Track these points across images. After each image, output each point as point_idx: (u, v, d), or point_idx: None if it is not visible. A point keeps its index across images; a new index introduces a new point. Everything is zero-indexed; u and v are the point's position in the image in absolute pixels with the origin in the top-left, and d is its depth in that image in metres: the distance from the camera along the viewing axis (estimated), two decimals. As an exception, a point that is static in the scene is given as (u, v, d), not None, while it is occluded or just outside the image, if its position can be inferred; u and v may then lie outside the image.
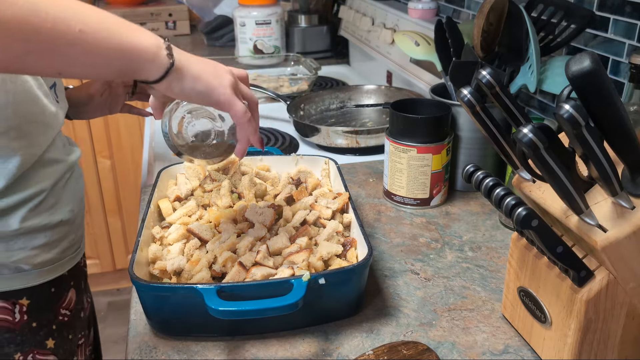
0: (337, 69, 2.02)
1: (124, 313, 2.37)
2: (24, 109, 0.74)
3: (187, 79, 0.65)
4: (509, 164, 0.65)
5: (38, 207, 0.78)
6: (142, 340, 0.73)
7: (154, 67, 0.62)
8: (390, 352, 0.69)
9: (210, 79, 0.66)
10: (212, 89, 0.66)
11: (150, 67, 0.62)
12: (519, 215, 0.53)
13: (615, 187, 0.53)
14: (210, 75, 0.67)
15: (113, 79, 0.63)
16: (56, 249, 0.83)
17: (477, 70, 0.74)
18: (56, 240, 0.82)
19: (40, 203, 0.79)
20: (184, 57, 0.65)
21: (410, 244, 0.94)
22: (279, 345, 0.72)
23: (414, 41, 1.24)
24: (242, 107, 0.69)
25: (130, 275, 0.70)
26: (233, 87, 0.68)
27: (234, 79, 0.70)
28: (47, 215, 0.80)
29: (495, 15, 0.99)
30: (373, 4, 1.78)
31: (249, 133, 0.71)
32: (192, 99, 0.68)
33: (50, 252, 0.82)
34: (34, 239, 0.79)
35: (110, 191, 2.33)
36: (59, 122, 0.83)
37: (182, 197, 0.93)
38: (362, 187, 1.13)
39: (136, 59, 0.61)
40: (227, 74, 0.69)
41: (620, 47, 0.95)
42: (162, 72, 0.63)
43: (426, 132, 0.99)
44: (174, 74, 0.64)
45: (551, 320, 0.64)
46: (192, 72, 0.65)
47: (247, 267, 0.74)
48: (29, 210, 0.77)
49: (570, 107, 0.47)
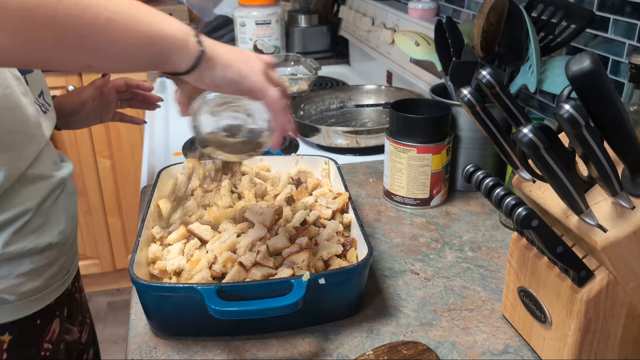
0: (337, 69, 2.02)
1: (124, 313, 2.37)
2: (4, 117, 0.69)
3: (217, 68, 0.62)
4: (509, 164, 0.65)
5: (23, 229, 0.72)
6: (142, 340, 0.73)
7: (184, 56, 0.59)
8: (390, 352, 0.69)
9: (241, 66, 0.63)
10: (244, 76, 0.63)
11: (180, 56, 0.59)
12: (519, 215, 0.53)
13: (615, 187, 0.53)
14: (241, 63, 0.63)
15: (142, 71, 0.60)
16: (44, 276, 0.76)
17: (477, 70, 0.74)
18: (44, 265, 0.76)
19: (25, 224, 0.72)
20: (213, 44, 0.62)
21: (410, 244, 0.94)
22: (279, 345, 0.72)
23: (414, 41, 1.24)
24: (276, 93, 0.65)
25: (130, 275, 0.70)
26: (265, 73, 0.65)
27: (264, 65, 0.66)
28: (33, 238, 0.74)
29: (495, 15, 0.99)
30: (373, 4, 1.78)
31: (284, 121, 0.68)
32: (223, 89, 0.64)
33: (38, 279, 0.75)
34: (19, 266, 0.72)
35: (110, 191, 2.33)
36: (45, 134, 0.77)
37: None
38: (362, 187, 1.13)
39: (166, 47, 0.58)
40: (257, 60, 0.66)
41: (620, 47, 0.95)
42: (192, 61, 0.60)
43: (426, 132, 0.99)
44: (205, 63, 0.60)
45: (551, 320, 0.64)
46: (223, 60, 0.62)
47: (247, 267, 0.74)
48: (13, 233, 0.71)
49: (570, 107, 0.47)
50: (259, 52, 1.95)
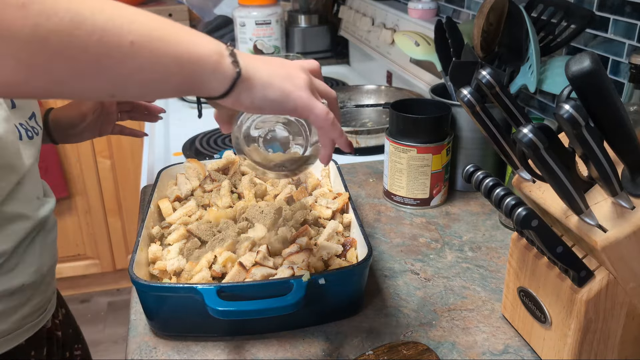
0: (337, 69, 2.02)
1: (124, 313, 2.37)
2: None
3: (257, 88, 0.54)
4: (509, 164, 0.65)
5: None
6: (142, 340, 0.73)
7: (219, 79, 0.52)
8: (390, 352, 0.69)
9: (283, 83, 0.56)
10: (287, 94, 0.56)
11: (214, 79, 0.52)
12: (519, 215, 0.53)
13: (615, 187, 0.53)
14: (282, 79, 0.56)
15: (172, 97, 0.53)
16: (13, 317, 0.71)
17: (477, 70, 0.74)
18: (14, 307, 0.71)
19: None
20: (249, 61, 0.54)
21: (410, 244, 0.94)
22: (279, 345, 0.72)
23: (414, 41, 1.24)
24: (322, 109, 0.57)
25: (130, 276, 0.70)
26: (309, 86, 0.58)
27: (308, 76, 0.59)
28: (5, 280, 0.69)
29: (495, 15, 0.99)
30: (373, 4, 1.78)
31: (334, 136, 0.60)
32: (264, 110, 0.57)
33: (6, 321, 0.71)
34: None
35: (110, 191, 2.33)
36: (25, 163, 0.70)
37: (182, 197, 0.93)
38: (362, 187, 1.13)
39: (198, 71, 0.51)
40: (300, 72, 0.58)
41: (620, 47, 0.95)
42: (228, 84, 0.52)
43: (426, 132, 0.99)
44: (242, 85, 0.53)
45: (551, 320, 0.64)
46: (262, 79, 0.55)
47: (247, 267, 0.74)
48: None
49: (570, 107, 0.47)
50: (259, 52, 1.95)
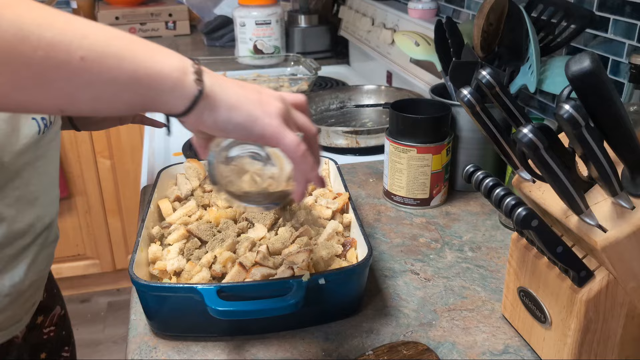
0: (337, 69, 2.02)
1: (124, 313, 2.37)
2: None
3: (221, 109, 0.52)
4: (509, 164, 0.65)
5: None
6: (142, 340, 0.73)
7: (177, 96, 0.50)
8: (390, 352, 0.69)
9: (251, 108, 0.53)
10: (254, 119, 0.53)
11: (173, 97, 0.50)
12: (519, 215, 0.53)
13: (615, 187, 0.53)
14: (252, 103, 0.54)
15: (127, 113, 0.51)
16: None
17: (477, 70, 0.74)
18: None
19: None
20: (217, 81, 0.52)
21: (410, 244, 0.94)
22: (279, 345, 0.72)
23: (414, 41, 1.24)
24: (293, 139, 0.54)
25: (130, 276, 0.70)
26: (282, 115, 0.55)
27: (285, 106, 0.56)
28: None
29: (495, 15, 0.99)
30: (373, 4, 1.78)
31: (305, 169, 0.57)
32: (229, 133, 0.54)
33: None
34: None
35: (110, 191, 2.33)
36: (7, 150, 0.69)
37: (182, 197, 0.93)
38: (362, 187, 1.13)
39: (155, 87, 0.49)
40: (275, 100, 0.55)
41: (620, 47, 0.95)
42: (188, 102, 0.50)
43: (426, 132, 0.99)
44: (204, 103, 0.51)
45: (551, 320, 0.64)
46: (228, 100, 0.52)
47: (247, 267, 0.74)
48: None
49: (570, 107, 0.47)
50: (259, 52, 1.95)
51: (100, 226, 2.38)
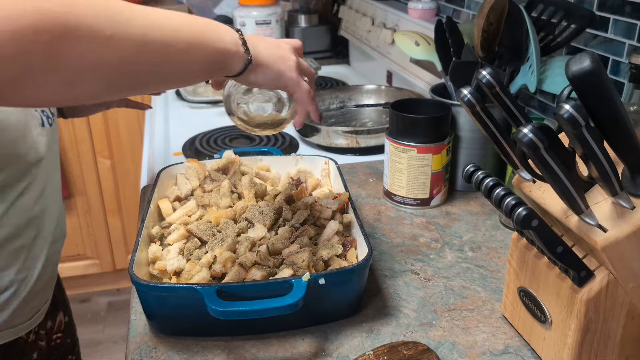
0: (337, 69, 2.02)
1: (124, 313, 2.37)
2: None
3: (260, 69, 0.68)
4: (509, 164, 0.65)
5: None
6: (142, 340, 0.73)
7: (235, 64, 0.65)
8: (390, 352, 0.69)
9: (279, 65, 0.70)
10: (280, 74, 0.70)
11: (232, 65, 0.64)
12: (519, 215, 0.53)
13: (615, 187, 0.53)
14: (279, 60, 0.70)
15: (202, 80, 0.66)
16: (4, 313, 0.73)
17: (477, 70, 0.74)
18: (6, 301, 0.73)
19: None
20: (255, 46, 0.67)
21: (410, 244, 0.94)
22: (279, 345, 0.72)
23: (414, 41, 1.24)
24: (306, 88, 0.73)
25: (130, 275, 0.70)
26: (297, 67, 0.71)
27: (296, 57, 0.72)
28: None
29: (495, 15, 0.99)
30: (373, 4, 1.78)
31: (311, 108, 0.76)
32: (263, 85, 0.71)
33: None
34: None
35: (110, 191, 2.33)
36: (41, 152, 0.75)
37: (182, 197, 0.93)
38: (362, 187, 1.13)
39: (222, 61, 0.63)
40: (291, 54, 0.71)
41: (620, 47, 0.95)
42: (242, 67, 0.65)
43: (426, 132, 0.99)
44: (250, 67, 0.66)
45: (551, 320, 0.64)
46: (264, 61, 0.68)
47: (247, 267, 0.74)
48: None
49: (570, 107, 0.47)
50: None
51: (100, 226, 2.38)
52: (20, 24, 0.43)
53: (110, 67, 0.50)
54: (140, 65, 0.53)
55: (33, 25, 0.44)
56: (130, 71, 0.53)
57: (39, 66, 0.46)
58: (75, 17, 0.46)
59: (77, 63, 0.48)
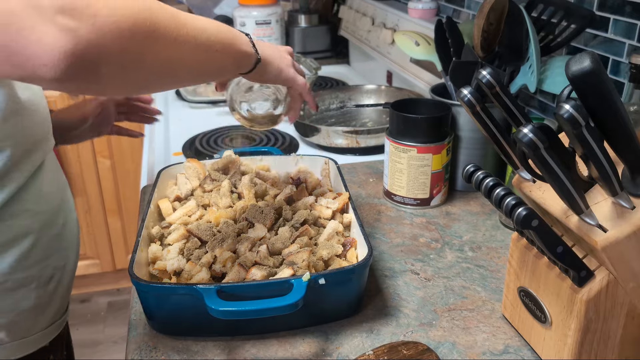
0: (337, 69, 2.02)
1: (124, 313, 2.37)
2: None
3: (266, 67, 0.76)
4: (509, 164, 0.65)
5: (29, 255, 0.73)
6: (142, 340, 0.73)
7: (247, 62, 0.72)
8: (390, 352, 0.69)
9: (278, 62, 0.78)
10: (281, 70, 0.79)
11: (245, 63, 0.72)
12: (519, 215, 0.53)
13: (615, 187, 0.53)
14: (278, 59, 0.78)
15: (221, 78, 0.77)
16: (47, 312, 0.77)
17: (477, 70, 0.74)
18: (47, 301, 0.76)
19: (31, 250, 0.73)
20: (260, 47, 0.74)
21: (410, 244, 0.94)
22: (279, 345, 0.72)
23: (414, 41, 1.24)
24: (302, 81, 0.82)
25: (130, 275, 0.70)
26: (293, 64, 0.81)
27: (291, 57, 0.82)
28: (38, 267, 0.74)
29: (495, 15, 0.99)
30: (373, 4, 1.78)
31: (308, 99, 0.86)
32: (267, 81, 0.80)
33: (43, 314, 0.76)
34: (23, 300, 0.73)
35: (110, 191, 2.33)
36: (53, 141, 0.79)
37: (182, 197, 0.93)
38: (362, 187, 1.13)
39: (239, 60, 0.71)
40: (287, 54, 0.81)
41: (620, 47, 0.95)
42: (253, 66, 0.73)
43: (426, 132, 0.99)
44: (259, 65, 0.74)
45: (551, 320, 0.64)
46: (268, 60, 0.76)
47: (247, 267, 0.74)
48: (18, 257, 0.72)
49: (570, 107, 0.47)
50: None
51: (100, 226, 2.38)
52: (124, 26, 0.49)
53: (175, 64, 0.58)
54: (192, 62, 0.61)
55: (132, 26, 0.50)
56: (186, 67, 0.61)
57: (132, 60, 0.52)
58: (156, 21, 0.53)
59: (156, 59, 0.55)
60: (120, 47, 0.50)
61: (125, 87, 0.58)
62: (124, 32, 0.49)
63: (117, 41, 0.49)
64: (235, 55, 0.69)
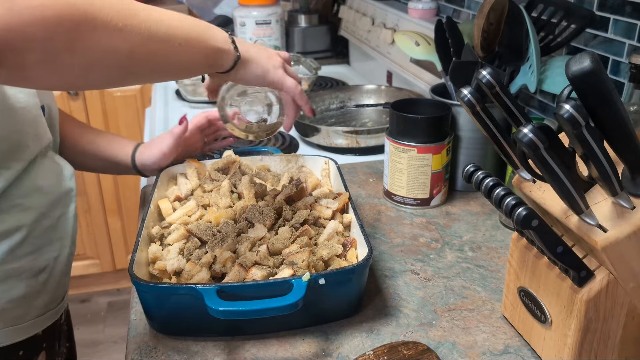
0: (337, 69, 2.02)
1: (124, 313, 2.37)
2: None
3: (248, 66, 0.74)
4: (509, 164, 0.65)
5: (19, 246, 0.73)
6: (142, 340, 0.73)
7: (226, 60, 0.71)
8: (390, 352, 0.69)
9: (264, 62, 0.76)
10: (267, 71, 0.76)
11: (224, 60, 0.71)
12: (519, 215, 0.53)
13: (615, 187, 0.53)
14: (264, 58, 0.76)
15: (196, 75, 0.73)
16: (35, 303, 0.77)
17: (477, 70, 0.74)
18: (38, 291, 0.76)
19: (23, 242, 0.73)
20: (243, 46, 0.73)
21: (410, 244, 0.94)
22: (279, 345, 0.72)
23: (414, 41, 1.24)
24: (293, 82, 0.78)
25: (131, 275, 0.70)
26: (282, 66, 0.78)
27: (281, 59, 0.79)
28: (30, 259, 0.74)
29: (495, 15, 0.99)
30: (373, 4, 1.78)
31: (302, 103, 0.81)
32: (251, 82, 0.77)
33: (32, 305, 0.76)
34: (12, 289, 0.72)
35: (110, 191, 2.33)
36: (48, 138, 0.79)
37: (182, 197, 0.93)
38: (362, 187, 1.13)
39: (217, 57, 0.69)
40: (276, 56, 0.78)
41: (620, 47, 0.95)
42: (232, 63, 0.72)
43: (426, 132, 0.99)
44: (239, 63, 0.72)
45: (551, 320, 0.64)
46: (251, 59, 0.74)
47: (247, 267, 0.74)
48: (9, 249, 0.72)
49: (570, 107, 0.47)
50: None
51: (100, 226, 2.38)
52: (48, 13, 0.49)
53: (121, 55, 0.57)
54: (146, 55, 0.59)
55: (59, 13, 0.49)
56: (138, 60, 0.59)
57: (61, 49, 0.51)
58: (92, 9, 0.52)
59: (93, 49, 0.54)
60: (45, 34, 0.49)
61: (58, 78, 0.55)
62: (50, 19, 0.49)
63: (41, 27, 0.48)
64: (205, 51, 0.67)
